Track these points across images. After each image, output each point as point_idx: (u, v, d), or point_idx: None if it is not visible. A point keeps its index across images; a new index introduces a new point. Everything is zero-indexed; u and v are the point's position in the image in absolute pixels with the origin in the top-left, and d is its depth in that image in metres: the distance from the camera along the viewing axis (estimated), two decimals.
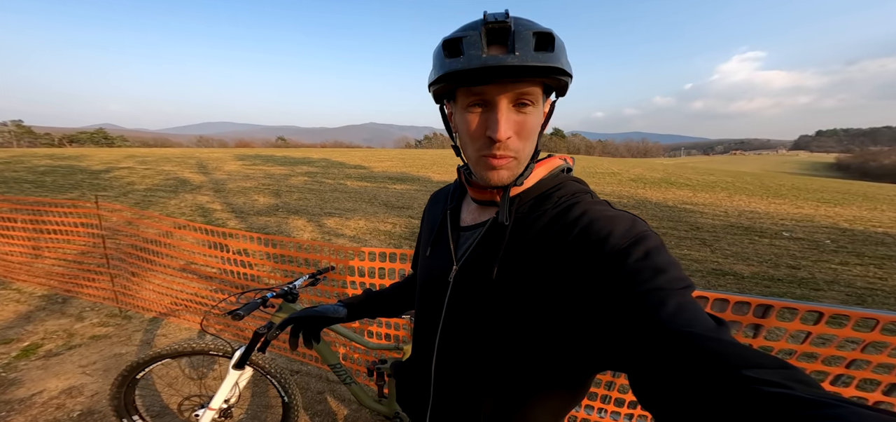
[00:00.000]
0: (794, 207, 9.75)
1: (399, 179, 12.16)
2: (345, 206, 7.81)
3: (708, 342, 0.33)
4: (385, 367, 1.57)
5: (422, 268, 0.66)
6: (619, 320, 0.39)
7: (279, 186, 9.77)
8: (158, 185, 9.15)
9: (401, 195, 9.31)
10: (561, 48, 0.45)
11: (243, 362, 1.38)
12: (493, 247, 0.52)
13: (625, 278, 0.40)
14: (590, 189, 0.54)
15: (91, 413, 1.77)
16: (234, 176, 11.20)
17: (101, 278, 2.85)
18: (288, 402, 1.54)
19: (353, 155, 21.83)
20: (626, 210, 0.48)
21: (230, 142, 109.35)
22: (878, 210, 9.73)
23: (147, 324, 2.65)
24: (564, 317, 0.46)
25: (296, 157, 18.89)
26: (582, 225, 0.46)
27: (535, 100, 0.47)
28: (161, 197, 7.87)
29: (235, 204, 7.58)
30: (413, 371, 0.67)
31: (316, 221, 6.56)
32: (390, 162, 17.63)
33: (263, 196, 8.41)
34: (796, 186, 15.29)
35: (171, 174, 10.71)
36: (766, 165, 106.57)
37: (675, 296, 0.37)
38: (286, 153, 22.08)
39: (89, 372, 2.09)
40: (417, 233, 0.89)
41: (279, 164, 15.18)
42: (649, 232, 0.44)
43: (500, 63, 0.42)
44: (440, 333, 0.58)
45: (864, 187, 18.25)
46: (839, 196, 12.62)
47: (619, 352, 0.39)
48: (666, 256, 0.41)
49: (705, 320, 0.36)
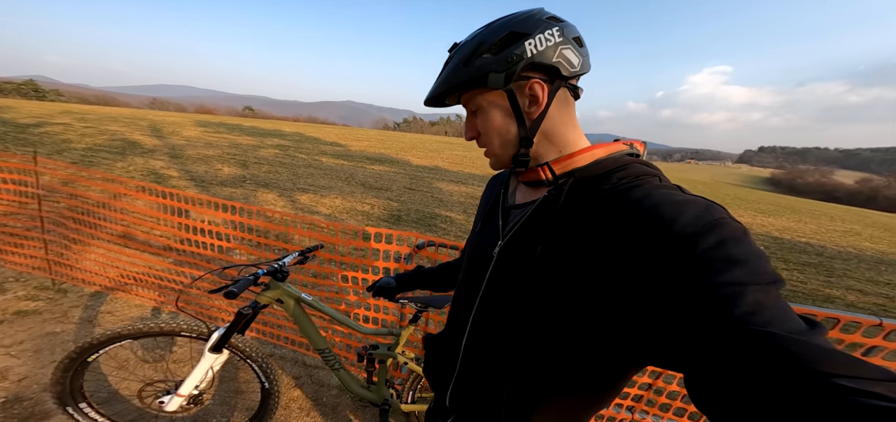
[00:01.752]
0: (737, 216, 10.79)
1: (377, 160, 11.77)
2: (319, 182, 7.41)
3: (792, 345, 0.28)
4: (376, 353, 1.49)
5: (470, 244, 0.67)
6: (681, 316, 0.34)
7: (246, 156, 9.04)
8: (101, 145, 8.08)
9: (379, 176, 9.02)
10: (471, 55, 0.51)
11: (222, 345, 1.24)
12: (540, 225, 0.51)
13: (692, 269, 0.35)
14: (660, 173, 0.49)
15: (19, 400, 1.50)
16: (193, 142, 10.19)
17: (31, 244, 2.44)
18: (268, 388, 1.41)
19: (329, 132, 20.75)
20: (703, 196, 0.42)
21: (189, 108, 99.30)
22: (802, 222, 11.07)
23: (87, 299, 2.32)
24: (610, 305, 0.42)
25: (265, 128, 17.60)
26: (643, 208, 0.41)
27: (478, 103, 0.53)
28: (104, 158, 6.96)
29: (195, 172, 6.90)
30: (443, 344, 0.68)
31: (288, 195, 6.17)
32: (368, 142, 16.99)
33: (228, 166, 7.74)
34: (739, 197, 16.95)
35: (117, 135, 9.49)
36: (715, 176, 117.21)
37: (754, 291, 0.33)
38: (254, 124, 20.52)
39: (15, 353, 1.78)
40: (396, 215, 0.89)
41: (246, 134, 14.06)
42: (727, 219, 0.38)
43: (429, 94, 0.57)
44: (476, 307, 0.58)
45: (792, 201, 20.69)
46: (772, 208, 14.17)
47: (677, 351, 0.35)
48: (747, 248, 0.36)
49: (792, 320, 0.32)
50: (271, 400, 1.43)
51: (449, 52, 0.55)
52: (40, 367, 1.69)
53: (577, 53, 0.50)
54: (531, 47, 0.47)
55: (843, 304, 4.67)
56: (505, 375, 0.54)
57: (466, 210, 6.84)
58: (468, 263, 0.64)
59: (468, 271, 0.63)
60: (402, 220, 5.71)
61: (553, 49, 0.48)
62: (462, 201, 7.53)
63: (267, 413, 1.44)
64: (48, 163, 2.28)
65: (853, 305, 4.64)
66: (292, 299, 1.37)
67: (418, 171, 10.78)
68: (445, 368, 0.64)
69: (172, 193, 1.99)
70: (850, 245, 8.39)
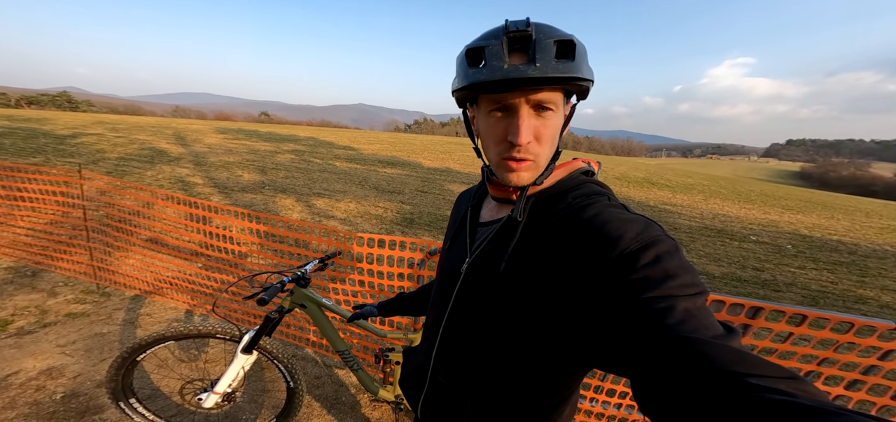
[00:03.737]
0: (762, 213, 10.36)
1: (389, 163, 11.95)
2: (334, 187, 7.62)
3: (712, 349, 0.32)
4: (392, 354, 1.57)
5: (441, 260, 0.69)
6: (624, 326, 0.38)
7: (265, 162, 9.39)
8: (132, 154, 8.58)
9: (392, 179, 9.18)
10: (582, 55, 0.47)
11: (252, 347, 1.35)
12: (504, 242, 0.54)
13: (632, 283, 0.39)
14: (609, 193, 0.53)
15: (75, 395, 1.67)
16: (215, 149, 10.66)
17: (76, 251, 2.67)
18: (293, 387, 1.52)
19: (342, 135, 21.19)
20: (643, 214, 0.47)
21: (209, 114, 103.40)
22: (834, 219, 10.51)
23: (128, 302, 2.52)
24: (566, 317, 0.46)
25: (281, 133, 18.16)
26: (593, 226, 0.45)
27: (555, 105, 0.49)
28: (135, 167, 7.39)
29: (218, 179, 7.23)
30: (416, 357, 0.70)
31: (304, 200, 6.38)
32: (380, 145, 17.26)
33: (248, 172, 8.07)
34: (765, 193, 16.19)
35: (145, 144, 10.05)
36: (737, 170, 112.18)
37: (684, 302, 0.37)
38: (271, 129, 21.18)
39: (69, 352, 1.97)
40: (408, 218, 0.93)
41: (264, 140, 14.56)
42: (662, 236, 0.43)
43: (522, 75, 0.44)
44: (445, 321, 0.60)
45: (824, 197, 19.61)
46: (802, 204, 13.51)
47: (622, 358, 0.39)
48: (678, 262, 0.40)
49: (714, 326, 0.36)
50: (296, 399, 1.54)
51: (519, 30, 0.46)
52: (92, 365, 1.87)
53: None
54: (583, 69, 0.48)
55: (876, 305, 4.44)
56: (470, 385, 0.57)
57: None
58: (439, 280, 0.66)
59: (440, 288, 0.65)
60: (414, 223, 5.82)
61: None
62: None
63: (292, 411, 1.55)
64: (91, 175, 2.49)
65: (888, 307, 4.41)
66: (314, 304, 1.47)
67: (430, 173, 10.90)
68: (417, 379, 0.66)
69: (196, 202, 2.15)
70: (886, 243, 7.91)
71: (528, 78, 0.44)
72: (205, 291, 2.43)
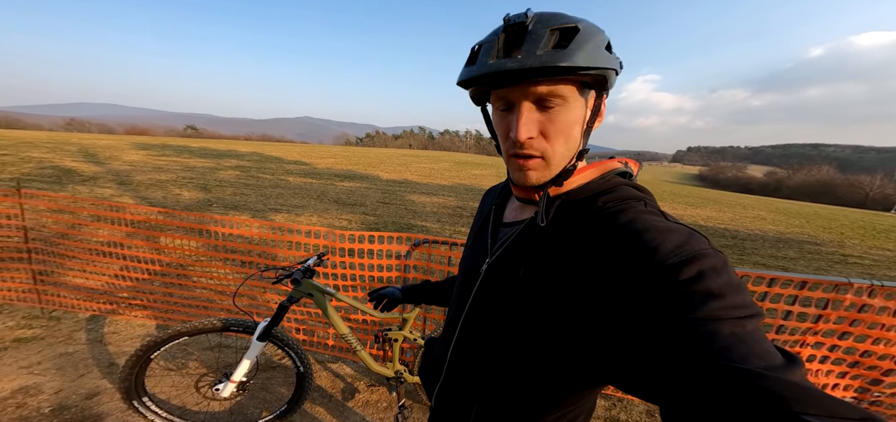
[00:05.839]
0: (671, 209, 12.45)
1: (346, 177, 11.79)
2: (291, 202, 7.37)
3: (765, 381, 0.28)
4: (390, 334, 1.80)
5: (463, 256, 0.68)
6: (656, 349, 0.34)
7: (205, 179, 8.66)
8: (30, 174, 7.29)
9: (351, 192, 9.12)
10: (581, 43, 0.42)
11: (266, 335, 1.48)
12: (525, 246, 0.51)
13: (668, 302, 0.35)
14: (647, 198, 0.48)
15: (65, 408, 1.59)
16: (140, 167, 9.50)
17: (10, 275, 2.38)
18: (303, 372, 1.66)
19: (290, 150, 20.14)
20: (685, 224, 0.42)
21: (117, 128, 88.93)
22: (722, 211, 13.01)
23: (87, 323, 2.33)
24: (587, 332, 0.42)
25: (218, 149, 16.68)
26: (626, 234, 0.41)
27: (561, 99, 0.45)
28: (39, 188, 6.32)
29: (153, 198, 6.54)
30: (435, 349, 0.71)
31: (262, 216, 6.11)
32: (334, 159, 16.82)
33: (188, 190, 7.40)
34: (673, 192, 19.43)
35: (44, 162, 8.57)
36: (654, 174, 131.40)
37: (730, 325, 0.33)
38: (203, 144, 19.25)
39: (38, 372, 1.82)
40: (374, 229, 1.13)
41: (198, 156, 13.28)
42: (708, 250, 0.38)
43: (500, 68, 0.43)
44: (463, 320, 0.59)
45: (716, 194, 24.00)
46: (699, 200, 16.47)
47: (650, 382, 0.35)
48: (725, 280, 0.35)
49: (767, 354, 0.32)
50: (306, 382, 1.67)
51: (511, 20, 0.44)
52: (71, 381, 1.76)
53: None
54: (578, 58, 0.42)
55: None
56: (480, 388, 0.56)
57: (440, 219, 7.23)
58: (461, 276, 0.66)
59: (460, 285, 0.64)
60: (380, 232, 5.93)
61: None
62: (435, 211, 7.92)
63: (303, 394, 1.68)
64: (32, 193, 2.28)
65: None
66: (320, 292, 1.65)
67: (389, 185, 11.01)
68: (434, 371, 0.67)
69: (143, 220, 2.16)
70: (757, 228, 10.02)
71: (504, 72, 0.42)
72: (167, 305, 2.39)
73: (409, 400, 2.03)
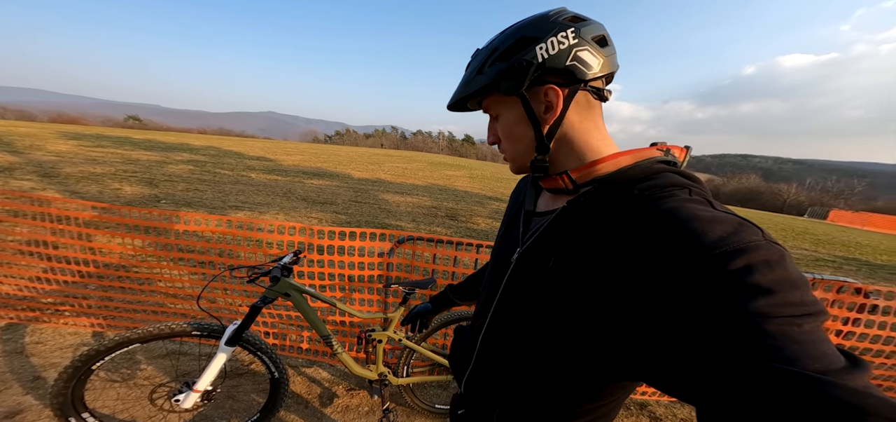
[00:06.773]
0: None
1: (315, 174, 11.24)
2: (254, 199, 6.87)
3: (820, 386, 0.26)
4: (373, 335, 1.71)
5: (496, 244, 0.68)
6: (699, 345, 0.32)
7: (152, 174, 7.80)
8: None
9: (321, 190, 8.70)
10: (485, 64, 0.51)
11: (236, 340, 1.34)
12: (556, 237, 0.50)
13: (712, 297, 0.32)
14: (693, 185, 0.43)
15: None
16: (69, 158, 8.35)
17: None
18: (278, 377, 1.52)
19: (252, 145, 18.85)
20: (735, 213, 0.38)
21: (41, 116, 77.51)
22: None
23: (2, 332, 1.96)
24: (621, 328, 0.40)
25: (167, 141, 15.17)
26: (667, 223, 0.38)
27: (495, 109, 0.54)
28: None
29: (87, 192, 5.75)
30: (465, 335, 0.70)
31: (220, 213, 5.60)
32: (301, 156, 15.99)
33: (130, 185, 6.61)
34: None
35: None
36: None
37: (784, 324, 0.30)
38: (148, 136, 17.43)
39: None
40: (347, 227, 1.08)
41: (143, 148, 11.98)
42: (760, 242, 0.34)
43: (451, 100, 0.58)
44: (493, 308, 0.59)
45: None
46: None
47: (689, 382, 0.33)
48: (780, 274, 0.32)
49: (826, 356, 0.29)
50: (281, 388, 1.53)
51: (472, 58, 0.55)
52: None
53: (596, 54, 0.47)
54: (542, 52, 0.46)
55: None
56: (508, 378, 0.56)
57: (415, 219, 7.13)
58: (492, 264, 0.66)
59: (492, 272, 0.64)
60: (360, 229, 5.71)
61: (567, 52, 0.46)
62: (410, 211, 7.80)
63: (278, 401, 1.53)
64: None
65: None
66: (297, 292, 1.52)
67: (361, 184, 10.67)
68: (464, 358, 0.66)
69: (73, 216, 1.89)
70: None
71: (450, 104, 0.58)
72: (106, 310, 2.10)
73: (393, 403, 1.94)
